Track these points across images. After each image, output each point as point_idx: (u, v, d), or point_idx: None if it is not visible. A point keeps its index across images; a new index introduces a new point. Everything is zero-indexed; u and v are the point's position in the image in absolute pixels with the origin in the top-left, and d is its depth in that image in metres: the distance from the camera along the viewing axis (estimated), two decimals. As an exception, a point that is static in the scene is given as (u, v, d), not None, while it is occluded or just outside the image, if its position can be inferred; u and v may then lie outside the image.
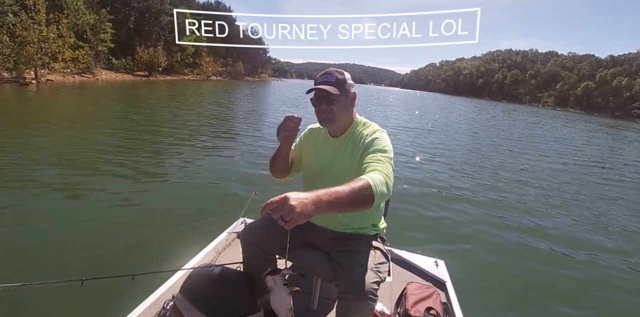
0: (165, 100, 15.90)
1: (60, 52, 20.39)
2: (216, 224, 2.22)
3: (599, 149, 13.34)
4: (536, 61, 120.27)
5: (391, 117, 17.51)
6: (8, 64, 17.49)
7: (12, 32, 17.74)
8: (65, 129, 7.18)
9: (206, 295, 1.24)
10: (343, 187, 0.89)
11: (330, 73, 1.25)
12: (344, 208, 0.88)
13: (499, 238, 3.61)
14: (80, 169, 4.60)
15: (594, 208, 5.09)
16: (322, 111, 1.24)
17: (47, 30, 19.33)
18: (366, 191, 0.92)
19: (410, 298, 1.56)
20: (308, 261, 1.33)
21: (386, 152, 1.17)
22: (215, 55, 53.23)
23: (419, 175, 5.92)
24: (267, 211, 0.79)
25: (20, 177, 4.06)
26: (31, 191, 3.65)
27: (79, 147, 5.77)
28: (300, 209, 0.77)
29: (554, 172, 7.44)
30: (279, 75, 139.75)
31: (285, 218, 0.77)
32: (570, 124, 29.12)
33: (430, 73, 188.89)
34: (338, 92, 1.22)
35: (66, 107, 12.02)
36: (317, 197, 0.83)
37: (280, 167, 1.38)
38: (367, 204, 0.93)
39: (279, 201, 0.78)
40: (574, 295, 2.72)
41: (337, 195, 0.86)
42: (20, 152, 5.03)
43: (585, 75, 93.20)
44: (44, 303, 1.85)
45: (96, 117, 9.36)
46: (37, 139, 5.97)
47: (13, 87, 15.41)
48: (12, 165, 4.47)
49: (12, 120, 7.96)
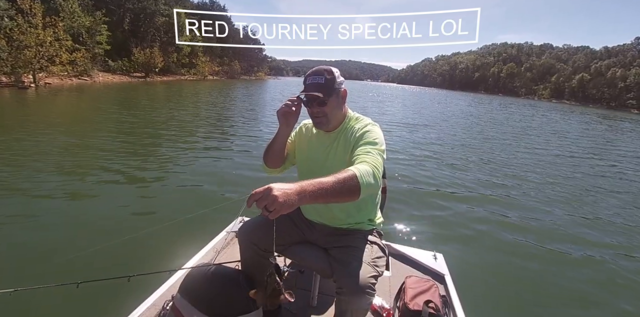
0: (162, 101, 15.83)
1: (57, 55, 20.28)
2: (215, 224, 2.21)
3: (595, 140, 13.35)
4: (531, 54, 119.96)
5: (388, 113, 17.48)
6: (5, 68, 17.38)
7: (9, 36, 17.58)
8: (65, 131, 7.16)
9: (205, 294, 1.24)
10: (328, 178, 0.90)
11: (319, 73, 1.24)
12: (330, 198, 0.88)
13: (497, 231, 3.62)
14: (76, 171, 4.58)
15: (594, 202, 5.05)
16: (314, 113, 1.25)
17: (44, 34, 19.20)
18: (352, 181, 0.93)
19: (409, 292, 1.56)
20: (306, 258, 1.32)
21: (376, 145, 1.17)
22: (211, 55, 53.01)
23: (416, 169, 5.92)
24: (252, 201, 0.80)
25: (17, 179, 4.04)
26: (28, 193, 3.64)
27: (77, 150, 5.75)
28: (283, 199, 0.78)
29: (552, 165, 7.43)
30: (275, 73, 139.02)
31: (269, 208, 0.78)
32: (567, 116, 29.09)
33: (427, 68, 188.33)
34: (329, 95, 1.22)
35: (66, 110, 11.98)
36: (301, 187, 0.83)
37: (275, 155, 1.35)
38: (354, 194, 0.93)
39: (263, 191, 0.80)
40: (573, 288, 2.71)
41: (321, 185, 0.87)
42: (21, 155, 5.02)
43: (580, 67, 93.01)
44: (41, 306, 1.83)
45: (95, 120, 9.33)
46: (37, 141, 5.95)
47: (12, 91, 15.33)
48: (12, 167, 4.45)
49: (14, 123, 7.92)
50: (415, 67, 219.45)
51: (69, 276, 1.09)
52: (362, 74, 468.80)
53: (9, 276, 2.18)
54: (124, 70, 33.38)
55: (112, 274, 1.10)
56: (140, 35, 38.62)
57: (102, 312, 1.51)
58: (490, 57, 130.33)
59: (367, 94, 30.27)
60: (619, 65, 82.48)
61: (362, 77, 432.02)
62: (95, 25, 28.52)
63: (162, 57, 36.94)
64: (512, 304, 2.40)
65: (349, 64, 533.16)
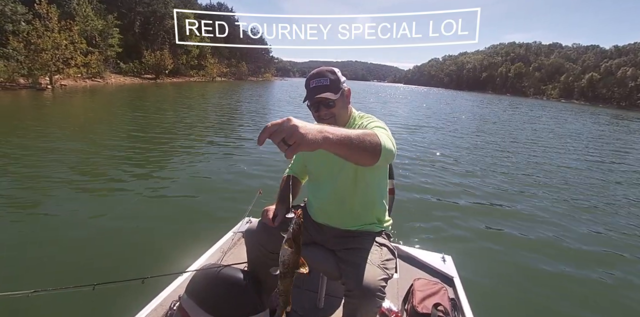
0: (172, 102, 15.99)
1: (72, 57, 20.68)
2: (222, 224, 2.20)
3: (612, 143, 12.71)
4: (540, 53, 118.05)
5: (395, 114, 17.36)
6: (23, 70, 17.79)
7: (27, 39, 18.00)
8: (86, 130, 7.30)
9: (211, 295, 1.22)
10: (351, 130, 0.81)
11: (322, 75, 1.22)
12: (353, 149, 0.78)
13: (507, 233, 3.53)
14: (90, 171, 4.65)
15: (611, 206, 4.82)
16: (323, 116, 1.22)
17: (60, 37, 19.61)
18: (374, 137, 0.86)
19: (417, 294, 1.52)
20: (313, 259, 1.30)
21: (385, 130, 1.13)
22: (219, 57, 53.38)
23: (425, 171, 5.85)
24: (267, 135, 0.66)
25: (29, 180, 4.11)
26: (44, 195, 3.70)
27: (92, 149, 5.84)
28: (304, 130, 0.66)
29: (567, 168, 7.12)
30: (282, 74, 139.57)
31: (288, 140, 0.65)
32: (579, 116, 28.29)
33: (434, 68, 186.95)
34: (336, 96, 1.19)
35: (85, 110, 12.34)
36: (323, 127, 0.73)
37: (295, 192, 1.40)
38: (375, 152, 0.85)
39: (280, 122, 0.66)
40: (585, 291, 2.62)
41: (346, 132, 0.77)
42: (40, 154, 5.11)
43: (590, 66, 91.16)
44: (53, 308, 1.84)
45: (110, 120, 9.49)
46: (56, 141, 6.08)
47: (30, 93, 15.69)
48: (30, 166, 4.54)
49: (37, 123, 8.10)
50: (422, 67, 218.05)
51: (79, 280, 1.08)
52: (369, 74, 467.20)
53: (24, 280, 2.18)
54: (134, 72, 33.82)
55: (123, 275, 1.10)
56: (151, 38, 39.11)
57: (111, 312, 1.51)
58: (498, 56, 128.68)
59: (367, 99, 29.89)
60: (629, 64, 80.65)
61: (369, 77, 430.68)
62: (107, 29, 29.00)
63: (171, 59, 37.31)
64: (522, 309, 2.33)
65: (356, 65, 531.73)
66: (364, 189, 1.27)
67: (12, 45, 17.81)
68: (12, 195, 3.60)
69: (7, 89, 15.85)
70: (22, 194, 3.64)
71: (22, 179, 4.14)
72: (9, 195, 3.59)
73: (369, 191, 1.28)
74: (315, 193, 1.38)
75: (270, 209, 1.32)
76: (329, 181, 1.30)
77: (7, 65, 17.26)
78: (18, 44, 17.82)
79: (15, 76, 17.24)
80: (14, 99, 13.56)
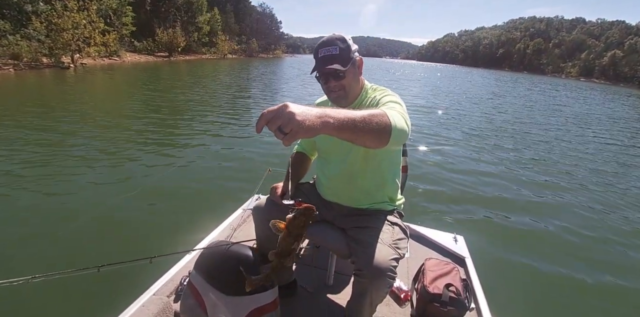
0: (185, 80, 15.81)
1: (91, 37, 20.56)
2: (232, 201, 2.16)
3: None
4: (561, 29, 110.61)
5: (405, 93, 16.79)
6: (44, 50, 17.82)
7: (48, 20, 17.89)
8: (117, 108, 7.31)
9: (220, 272, 1.19)
10: (356, 110, 0.73)
11: (331, 43, 1.06)
12: (358, 132, 0.70)
13: (520, 213, 3.40)
14: (103, 150, 4.64)
15: (631, 190, 4.53)
16: (332, 88, 1.10)
17: (80, 17, 19.39)
18: (383, 118, 0.76)
19: (428, 274, 1.46)
20: (322, 237, 1.24)
21: (400, 105, 1.01)
22: (230, 34, 52.05)
23: (439, 149, 5.66)
24: (263, 123, 0.61)
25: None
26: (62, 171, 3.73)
27: (113, 127, 5.85)
28: (301, 117, 0.60)
29: (586, 150, 6.74)
30: (292, 51, 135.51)
31: (284, 129, 0.59)
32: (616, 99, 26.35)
33: (449, 44, 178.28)
34: (346, 67, 1.05)
35: (106, 87, 12.53)
36: (323, 111, 0.65)
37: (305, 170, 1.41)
38: (384, 133, 0.76)
39: (276, 109, 0.60)
40: (599, 276, 2.51)
41: (349, 114, 0.69)
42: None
43: (614, 43, 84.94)
44: (61, 291, 1.82)
45: (136, 97, 9.54)
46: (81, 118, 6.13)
47: (54, 71, 15.77)
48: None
49: (68, 99, 8.22)
50: (436, 43, 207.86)
51: (88, 262, 1.02)
52: (381, 50, 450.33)
53: (30, 265, 2.10)
54: (148, 50, 33.42)
55: (133, 257, 1.04)
56: (162, 16, 38.16)
57: (122, 290, 1.49)
58: (517, 32, 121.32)
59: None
60: (657, 40, 74.96)
61: (381, 54, 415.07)
62: (120, 7, 28.37)
63: (183, 36, 36.59)
64: (535, 289, 2.26)
65: (368, 41, 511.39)
66: (376, 166, 1.18)
67: (33, 25, 17.73)
68: (32, 163, 3.64)
69: (32, 68, 15.99)
70: (37, 172, 3.67)
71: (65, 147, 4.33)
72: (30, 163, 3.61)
73: (381, 169, 1.19)
74: (324, 170, 1.30)
75: (278, 186, 1.27)
76: (338, 158, 1.22)
77: (30, 46, 17.26)
78: (40, 25, 17.72)
79: (38, 56, 17.29)
80: (40, 77, 13.66)
